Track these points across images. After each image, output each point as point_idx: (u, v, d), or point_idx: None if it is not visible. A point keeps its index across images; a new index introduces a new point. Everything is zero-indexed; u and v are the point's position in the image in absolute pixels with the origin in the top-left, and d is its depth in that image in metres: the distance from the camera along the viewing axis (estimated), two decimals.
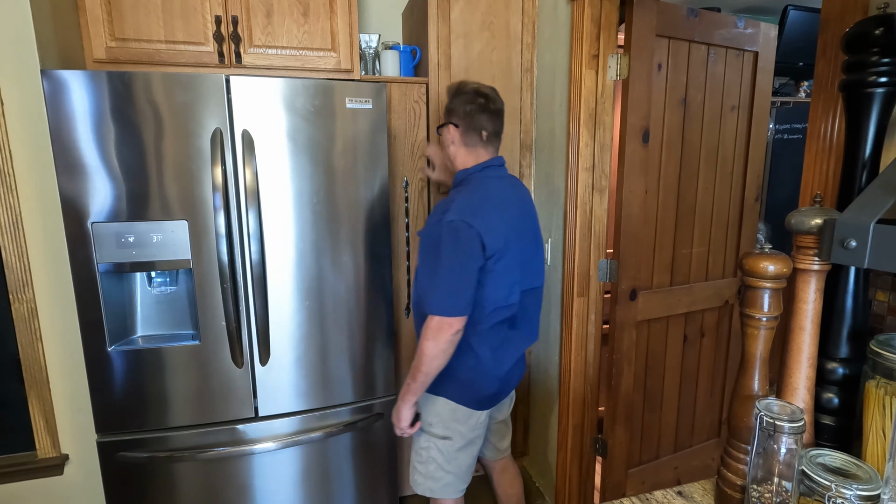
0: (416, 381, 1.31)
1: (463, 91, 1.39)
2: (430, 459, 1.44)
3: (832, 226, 0.72)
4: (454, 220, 1.24)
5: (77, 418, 1.61)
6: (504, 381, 1.46)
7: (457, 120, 1.39)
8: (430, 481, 1.46)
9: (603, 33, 1.72)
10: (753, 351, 0.80)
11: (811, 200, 0.81)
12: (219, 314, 1.44)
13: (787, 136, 2.76)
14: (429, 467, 1.45)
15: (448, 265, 1.25)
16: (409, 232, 1.93)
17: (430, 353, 1.28)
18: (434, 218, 1.33)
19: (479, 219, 1.26)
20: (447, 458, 1.44)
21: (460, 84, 1.42)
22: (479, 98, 1.37)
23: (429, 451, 1.44)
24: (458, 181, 1.41)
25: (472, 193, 1.32)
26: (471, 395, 1.40)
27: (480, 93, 1.38)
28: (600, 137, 1.78)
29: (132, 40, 1.59)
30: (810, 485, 0.64)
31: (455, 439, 1.42)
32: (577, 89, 1.74)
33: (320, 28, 1.73)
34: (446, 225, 1.25)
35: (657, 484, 2.16)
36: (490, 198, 1.33)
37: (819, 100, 1.09)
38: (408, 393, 1.34)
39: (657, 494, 0.89)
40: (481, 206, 1.29)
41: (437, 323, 1.26)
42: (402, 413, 1.37)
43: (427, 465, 1.45)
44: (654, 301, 1.97)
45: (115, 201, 1.34)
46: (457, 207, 1.27)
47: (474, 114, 1.37)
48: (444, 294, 1.25)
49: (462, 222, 1.24)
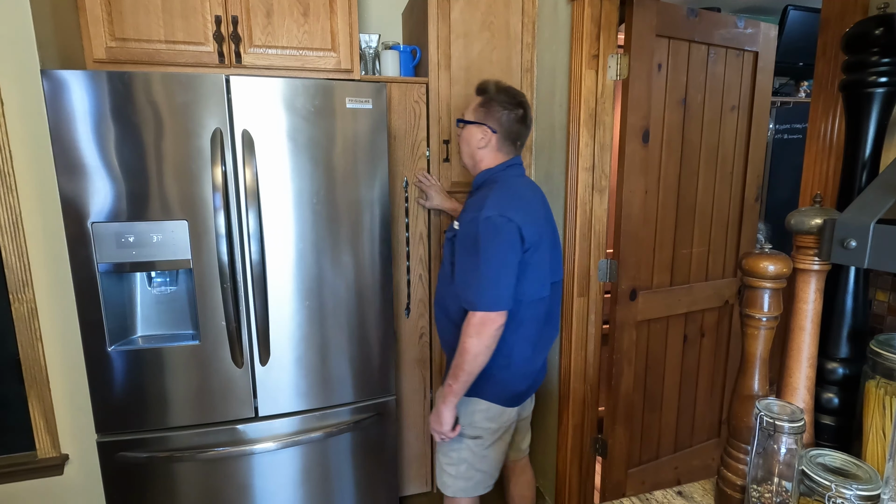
0: (458, 382, 1.29)
1: (503, 95, 1.38)
2: (462, 460, 1.42)
3: (832, 226, 0.72)
4: (492, 216, 1.25)
5: (77, 418, 1.61)
6: (535, 377, 1.47)
7: (495, 125, 1.37)
8: (460, 481, 1.44)
9: (603, 33, 1.72)
10: (753, 351, 0.80)
11: (811, 200, 0.81)
12: (219, 314, 1.44)
13: (787, 136, 2.76)
14: (460, 468, 1.43)
15: (489, 260, 1.25)
16: (409, 232, 1.93)
17: (473, 351, 1.26)
18: (468, 216, 1.31)
19: (517, 212, 1.27)
20: (478, 457, 1.42)
21: (498, 86, 1.40)
22: (520, 109, 1.38)
23: (460, 452, 1.42)
24: (483, 181, 1.41)
25: (505, 190, 1.33)
26: (504, 392, 1.39)
27: (521, 104, 1.39)
28: (600, 137, 1.78)
29: (132, 40, 1.59)
30: (810, 485, 0.64)
31: (486, 437, 1.41)
32: (577, 89, 1.74)
33: (320, 28, 1.73)
34: (484, 221, 1.25)
35: (657, 484, 2.16)
36: (520, 194, 1.35)
37: (819, 100, 1.09)
38: (450, 395, 1.32)
39: (657, 494, 0.89)
40: (516, 201, 1.31)
41: (481, 318, 1.25)
42: (443, 417, 1.34)
43: (458, 466, 1.43)
44: (654, 301, 1.97)
45: (115, 201, 1.34)
46: (492, 203, 1.27)
47: (514, 123, 1.38)
48: (487, 289, 1.25)
49: (501, 217, 1.25)
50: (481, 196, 1.33)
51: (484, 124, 1.38)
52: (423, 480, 2.13)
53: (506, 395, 1.40)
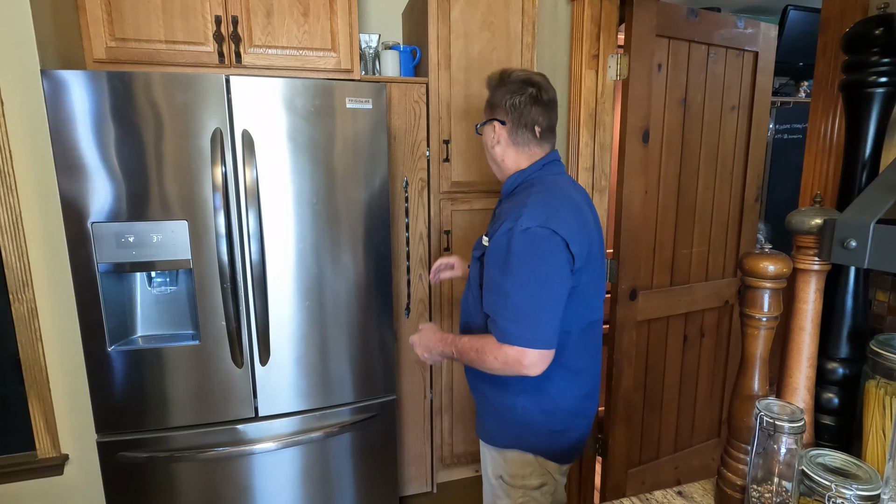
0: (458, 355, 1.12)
1: (508, 81, 1.15)
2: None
3: (832, 226, 0.72)
4: (531, 228, 1.00)
5: (77, 418, 1.61)
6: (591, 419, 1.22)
7: (502, 115, 1.15)
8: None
9: (603, 33, 1.72)
10: (753, 351, 0.79)
11: (811, 200, 0.81)
12: (219, 314, 1.44)
13: (787, 136, 2.76)
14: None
15: (527, 284, 1.00)
16: (409, 232, 1.93)
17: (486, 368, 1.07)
18: (502, 226, 1.05)
19: (563, 223, 1.02)
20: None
21: (503, 73, 1.17)
22: (530, 87, 1.12)
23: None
24: (515, 185, 1.17)
25: (546, 194, 1.08)
26: (560, 445, 1.16)
27: (531, 81, 1.13)
28: (600, 137, 1.78)
29: (132, 40, 1.59)
30: (810, 485, 0.64)
31: (550, 483, 1.19)
32: (577, 89, 1.75)
33: (320, 28, 1.73)
34: (520, 234, 1.00)
35: (657, 484, 2.16)
36: (566, 199, 1.09)
37: (819, 100, 1.09)
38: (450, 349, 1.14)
39: (657, 494, 0.89)
40: (562, 208, 1.06)
41: (516, 356, 1.00)
42: (434, 353, 1.19)
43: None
44: (654, 301, 1.97)
45: (115, 201, 1.34)
46: (532, 212, 1.02)
47: (524, 106, 1.12)
48: (524, 319, 1.00)
49: (543, 228, 1.00)
50: (517, 203, 1.08)
51: (492, 119, 1.17)
52: (423, 480, 2.13)
53: (558, 447, 1.16)
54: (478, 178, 1.95)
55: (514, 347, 1.00)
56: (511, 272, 1.01)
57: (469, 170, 1.94)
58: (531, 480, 1.17)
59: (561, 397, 1.13)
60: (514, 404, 1.14)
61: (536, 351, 1.00)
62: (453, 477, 2.20)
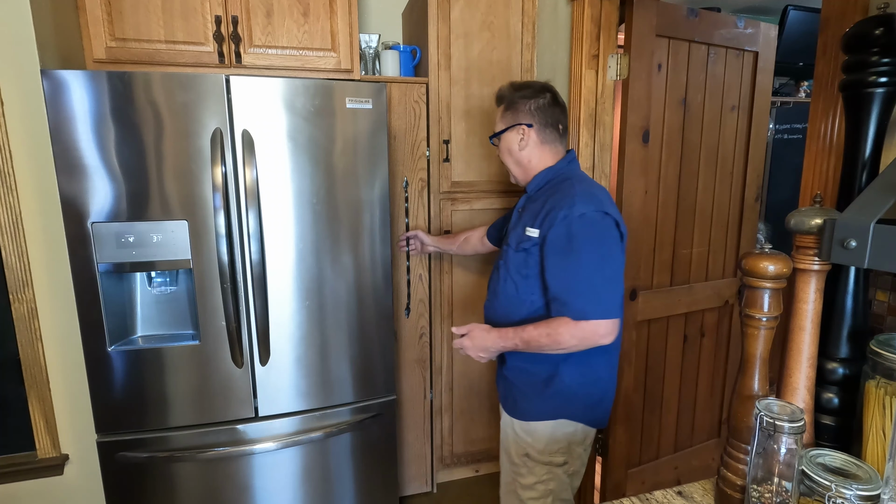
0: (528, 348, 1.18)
1: (525, 87, 1.27)
2: (549, 492, 1.28)
3: (832, 226, 0.72)
4: (586, 213, 1.12)
5: (77, 418, 1.61)
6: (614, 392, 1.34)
7: (527, 119, 1.25)
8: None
9: (603, 33, 1.72)
10: (753, 351, 0.79)
11: (811, 200, 0.81)
12: (219, 314, 1.44)
13: (787, 136, 2.76)
14: (546, 501, 1.28)
15: (595, 262, 1.11)
16: (409, 232, 1.93)
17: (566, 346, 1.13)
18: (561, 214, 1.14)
19: (611, 206, 1.17)
20: (563, 486, 1.29)
21: (513, 84, 1.30)
22: (547, 93, 1.26)
23: (547, 483, 1.27)
24: (548, 179, 1.27)
25: (586, 184, 1.21)
26: (597, 413, 1.28)
27: (546, 87, 1.28)
28: (600, 137, 1.79)
29: (132, 40, 1.59)
30: (810, 485, 0.64)
31: (571, 462, 1.29)
32: (577, 89, 1.75)
33: (320, 28, 1.73)
34: (578, 220, 1.12)
35: (657, 484, 2.16)
36: (602, 189, 1.23)
37: (819, 100, 1.09)
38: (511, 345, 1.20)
39: (657, 494, 0.89)
40: (603, 196, 1.19)
41: (592, 329, 1.10)
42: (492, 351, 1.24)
43: (545, 499, 1.28)
44: (654, 301, 1.97)
45: (115, 201, 1.34)
46: (582, 200, 1.14)
47: (547, 107, 1.25)
48: (601, 294, 1.10)
49: (598, 213, 1.13)
50: (563, 194, 1.18)
51: (516, 124, 1.27)
52: (423, 480, 2.13)
53: (599, 415, 1.28)
54: (478, 177, 1.95)
55: (590, 322, 1.10)
56: (575, 254, 1.12)
57: (469, 170, 1.94)
58: (557, 458, 1.27)
59: (601, 368, 1.25)
60: (561, 376, 1.23)
61: (610, 321, 1.11)
62: (453, 477, 2.20)
